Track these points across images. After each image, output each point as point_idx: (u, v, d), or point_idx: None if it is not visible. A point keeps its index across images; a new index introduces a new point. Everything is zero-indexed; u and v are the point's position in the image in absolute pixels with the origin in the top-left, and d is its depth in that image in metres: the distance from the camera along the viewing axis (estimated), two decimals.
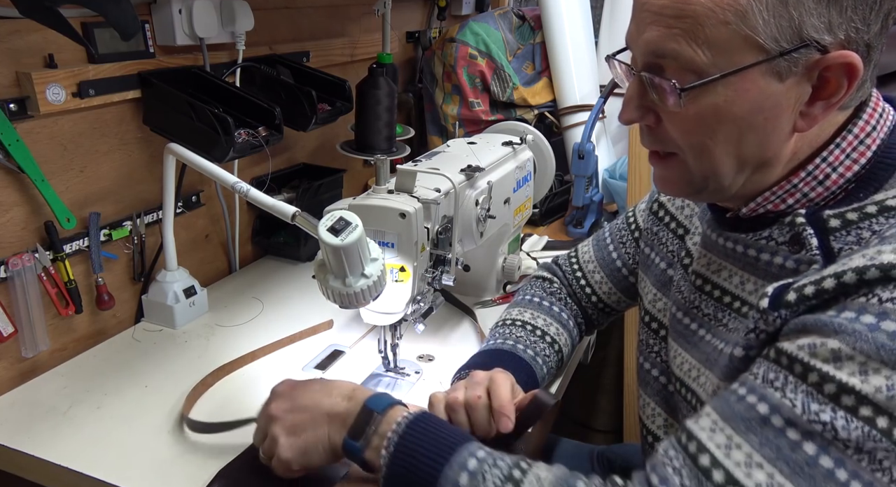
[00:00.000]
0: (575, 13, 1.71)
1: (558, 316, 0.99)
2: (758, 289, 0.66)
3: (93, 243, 1.06)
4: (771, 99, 0.59)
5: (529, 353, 0.92)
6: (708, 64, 0.58)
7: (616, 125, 1.85)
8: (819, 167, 0.63)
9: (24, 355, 1.00)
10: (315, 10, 1.48)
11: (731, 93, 0.59)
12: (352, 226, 0.78)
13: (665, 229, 0.87)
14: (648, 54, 0.61)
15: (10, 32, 0.91)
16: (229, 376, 1.01)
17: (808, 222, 0.62)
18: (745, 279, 0.69)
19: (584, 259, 1.04)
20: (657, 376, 0.82)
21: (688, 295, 0.76)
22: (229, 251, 1.38)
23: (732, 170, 0.64)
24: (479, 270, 1.22)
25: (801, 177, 0.63)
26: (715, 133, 0.61)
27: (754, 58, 0.57)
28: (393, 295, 0.93)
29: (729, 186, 0.65)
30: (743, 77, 0.58)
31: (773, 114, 0.60)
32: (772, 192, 0.65)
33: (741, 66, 0.58)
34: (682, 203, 0.86)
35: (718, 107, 0.60)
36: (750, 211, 0.67)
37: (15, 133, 0.92)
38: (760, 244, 0.66)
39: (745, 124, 0.61)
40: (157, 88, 1.08)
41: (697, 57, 0.58)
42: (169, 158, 1.06)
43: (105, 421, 0.91)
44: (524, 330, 0.95)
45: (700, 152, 0.63)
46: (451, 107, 1.77)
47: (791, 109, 0.60)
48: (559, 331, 0.98)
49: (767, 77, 0.58)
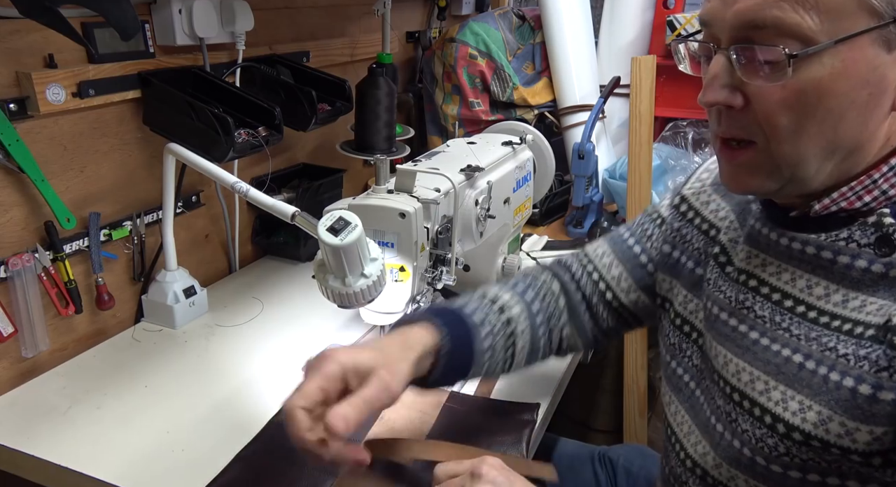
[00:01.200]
0: (575, 13, 1.71)
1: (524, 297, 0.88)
2: (829, 294, 0.61)
3: (93, 243, 1.06)
4: (878, 71, 0.55)
5: (476, 319, 0.81)
6: (816, 30, 0.53)
7: (616, 125, 1.85)
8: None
9: (24, 355, 1.00)
10: (315, 10, 1.48)
11: (839, 65, 0.54)
12: (351, 226, 0.78)
13: (689, 225, 0.81)
14: (742, 27, 0.56)
15: (10, 32, 0.91)
16: (229, 376, 1.01)
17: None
18: (813, 282, 0.63)
19: (597, 254, 0.92)
20: (688, 381, 0.77)
21: (734, 296, 0.70)
22: (229, 251, 1.38)
23: (820, 157, 0.58)
24: (479, 270, 1.22)
25: (883, 171, 0.59)
26: (814, 111, 0.56)
27: (866, 23, 0.53)
28: (393, 295, 0.93)
29: (813, 177, 0.60)
30: (852, 45, 0.53)
31: (879, 88, 0.55)
32: (849, 188, 0.60)
33: (853, 33, 0.53)
34: (707, 198, 0.81)
35: (822, 81, 0.54)
36: (823, 208, 0.61)
37: (15, 133, 0.92)
38: (838, 246, 0.61)
39: (847, 101, 0.55)
40: (157, 88, 1.08)
41: (804, 23, 0.53)
42: (169, 158, 1.06)
43: (105, 421, 0.91)
44: (483, 300, 0.85)
45: (790, 136, 0.58)
46: (451, 107, 1.77)
47: (894, 84, 0.56)
48: (520, 314, 0.85)
49: (876, 46, 0.54)
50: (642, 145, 1.54)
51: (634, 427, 1.62)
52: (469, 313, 0.81)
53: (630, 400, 1.62)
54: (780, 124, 0.57)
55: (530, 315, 0.86)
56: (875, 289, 0.58)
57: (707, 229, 0.79)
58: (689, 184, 0.85)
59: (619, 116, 1.84)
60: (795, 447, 0.60)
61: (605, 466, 1.11)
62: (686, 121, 1.74)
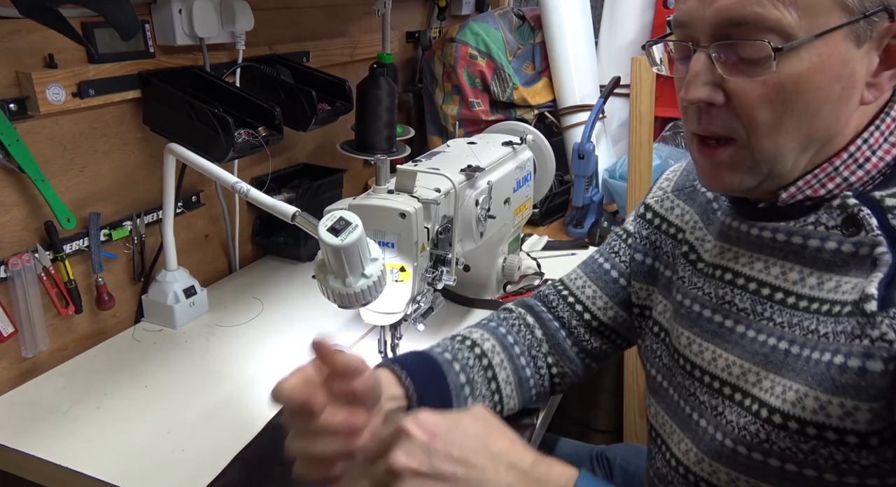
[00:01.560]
0: (575, 13, 1.71)
1: (496, 332, 0.89)
2: (804, 278, 0.63)
3: (93, 243, 1.06)
4: (849, 66, 0.57)
5: (446, 356, 0.83)
6: (795, 26, 0.55)
7: (616, 125, 1.85)
8: (860, 149, 0.61)
9: (24, 355, 1.00)
10: (315, 10, 1.48)
11: (816, 60, 0.56)
12: (352, 226, 0.78)
13: (657, 231, 0.84)
14: (722, 24, 0.58)
15: (10, 32, 0.91)
16: (227, 378, 1.01)
17: (861, 202, 0.60)
18: (786, 268, 0.65)
19: (570, 278, 0.94)
20: (661, 381, 0.79)
21: (713, 291, 0.71)
22: (229, 251, 1.38)
23: (797, 151, 0.61)
24: (479, 270, 1.22)
25: (843, 159, 0.61)
26: (793, 106, 0.58)
27: (839, 20, 0.55)
28: (393, 295, 0.93)
29: (789, 171, 0.62)
30: (827, 40, 0.56)
31: (850, 82, 0.58)
32: (813, 175, 0.62)
33: (828, 28, 0.55)
34: (671, 203, 0.84)
35: (801, 75, 0.57)
36: (789, 196, 0.63)
37: (15, 133, 0.92)
38: (807, 230, 0.63)
39: (822, 95, 0.58)
40: (157, 88, 1.08)
41: (784, 18, 0.55)
42: (169, 158, 1.06)
43: (105, 421, 0.91)
44: (453, 340, 0.87)
45: (770, 131, 0.60)
46: (451, 107, 1.77)
47: (862, 79, 0.59)
48: (494, 347, 0.87)
49: (848, 41, 0.56)
50: (642, 145, 1.54)
51: (634, 427, 1.62)
52: (439, 351, 0.83)
53: (630, 400, 1.62)
54: (760, 119, 0.59)
55: (505, 347, 0.87)
56: (847, 269, 0.60)
57: (675, 233, 0.82)
58: (651, 193, 0.88)
59: (619, 116, 1.84)
60: (775, 432, 0.61)
61: (603, 465, 1.11)
62: None
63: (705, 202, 0.79)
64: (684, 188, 0.84)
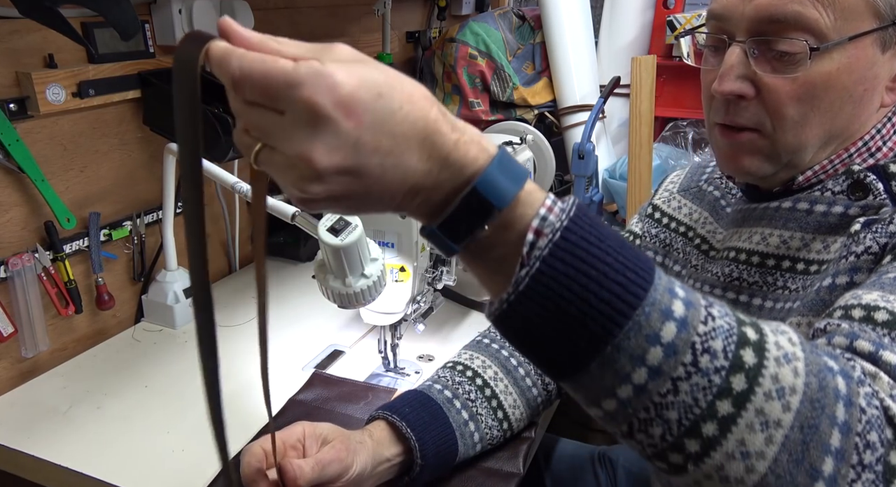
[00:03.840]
0: (575, 13, 1.71)
1: (498, 356, 0.87)
2: (808, 244, 0.65)
3: (93, 243, 1.06)
4: (873, 69, 0.60)
5: (446, 394, 0.81)
6: (830, 28, 0.58)
7: (616, 125, 1.85)
8: (873, 138, 0.64)
9: (24, 355, 1.00)
10: (315, 10, 1.48)
11: (845, 61, 0.59)
12: (352, 226, 0.78)
13: (666, 230, 0.85)
14: (762, 20, 0.60)
15: (10, 32, 0.91)
16: (229, 377, 1.01)
17: (868, 169, 0.62)
18: (786, 236, 0.67)
19: None
20: None
21: (719, 270, 0.73)
22: (229, 251, 1.38)
23: (817, 145, 0.64)
24: None
25: (858, 146, 0.65)
26: (819, 103, 0.61)
27: (870, 25, 0.58)
28: (393, 295, 0.93)
29: (807, 162, 0.65)
30: (857, 44, 0.59)
31: (872, 85, 0.61)
32: (829, 161, 0.65)
33: (860, 32, 0.58)
34: (678, 203, 0.85)
35: (830, 75, 0.60)
36: (805, 180, 0.66)
37: (15, 133, 0.92)
38: (813, 196, 0.66)
39: (846, 94, 0.61)
40: (157, 88, 1.08)
41: (822, 19, 0.58)
42: (169, 158, 1.06)
43: (105, 421, 0.91)
44: (453, 371, 0.85)
45: (794, 125, 0.62)
46: (451, 107, 1.77)
47: (883, 82, 0.62)
48: (497, 374, 0.85)
49: (875, 46, 0.59)
50: (642, 145, 1.54)
51: None
52: (438, 389, 0.82)
53: None
54: (787, 114, 0.62)
55: (509, 371, 0.86)
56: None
57: (685, 231, 0.83)
58: (657, 195, 0.90)
59: (619, 116, 1.84)
60: None
61: (606, 466, 1.11)
62: (686, 121, 1.74)
63: (713, 200, 0.80)
64: (690, 188, 0.85)
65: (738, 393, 0.39)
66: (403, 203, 0.41)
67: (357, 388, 0.96)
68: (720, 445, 0.39)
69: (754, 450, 0.39)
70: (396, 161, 0.38)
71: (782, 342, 0.42)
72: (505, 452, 0.85)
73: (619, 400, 0.40)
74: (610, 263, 0.39)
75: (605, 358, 0.39)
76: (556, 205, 0.40)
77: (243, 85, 0.37)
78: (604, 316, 0.38)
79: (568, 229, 0.39)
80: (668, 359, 0.38)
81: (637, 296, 0.39)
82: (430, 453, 0.74)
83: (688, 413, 0.39)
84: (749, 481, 0.40)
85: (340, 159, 0.37)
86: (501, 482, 0.80)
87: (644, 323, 0.38)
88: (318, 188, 0.38)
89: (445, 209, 0.40)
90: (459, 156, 0.40)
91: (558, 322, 0.39)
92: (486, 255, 0.42)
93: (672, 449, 0.40)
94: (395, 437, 0.75)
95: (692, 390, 0.39)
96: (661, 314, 0.39)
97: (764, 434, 0.39)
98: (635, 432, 0.41)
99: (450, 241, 0.41)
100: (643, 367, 0.38)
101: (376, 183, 0.39)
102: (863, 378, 0.44)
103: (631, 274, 0.39)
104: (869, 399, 0.43)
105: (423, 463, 0.74)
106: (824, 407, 0.41)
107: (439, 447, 0.75)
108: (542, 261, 0.38)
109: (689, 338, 0.39)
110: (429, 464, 0.74)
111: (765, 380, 0.39)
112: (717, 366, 0.39)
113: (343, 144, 0.37)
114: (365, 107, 0.37)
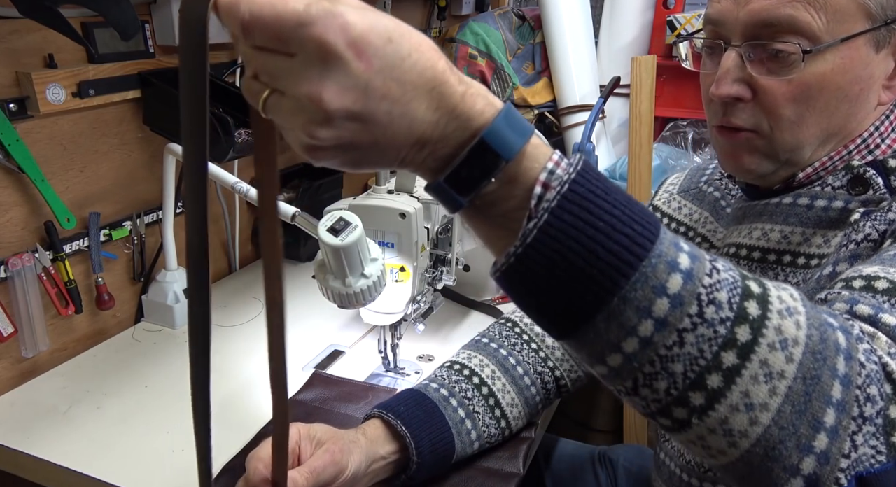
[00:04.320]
0: (575, 13, 1.71)
1: (496, 355, 0.87)
2: (808, 238, 0.66)
3: (93, 243, 1.06)
4: (868, 69, 0.62)
5: (442, 392, 0.81)
6: (823, 30, 0.59)
7: (616, 125, 1.85)
8: (872, 135, 0.65)
9: (24, 355, 1.00)
10: None
11: (839, 62, 0.61)
12: (352, 226, 0.78)
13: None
14: (756, 25, 0.62)
15: (10, 32, 0.91)
16: (226, 378, 1.01)
17: (867, 164, 0.64)
18: (787, 231, 0.68)
19: None
20: None
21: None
22: (229, 251, 1.38)
23: (815, 144, 0.65)
24: (479, 270, 1.22)
25: (857, 144, 0.66)
26: (815, 103, 0.62)
27: (863, 26, 0.60)
28: (393, 295, 0.93)
29: (806, 161, 0.66)
30: (850, 45, 0.60)
31: (867, 84, 0.63)
32: (829, 158, 0.66)
33: (853, 33, 0.60)
34: (678, 204, 0.86)
35: (825, 75, 0.61)
36: (806, 177, 0.67)
37: (15, 133, 0.92)
38: (814, 192, 0.67)
39: (842, 94, 0.62)
40: (157, 88, 1.08)
41: (814, 22, 0.59)
42: (169, 158, 1.06)
43: (105, 421, 0.91)
44: (450, 370, 0.85)
45: (791, 125, 0.64)
46: None
47: (879, 81, 0.63)
48: (494, 372, 0.85)
49: (868, 47, 0.61)
50: (642, 145, 1.54)
51: (634, 428, 1.62)
52: (435, 388, 0.82)
53: None
54: (783, 115, 0.63)
55: (507, 369, 0.86)
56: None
57: (685, 231, 0.83)
58: (657, 196, 0.90)
59: (619, 116, 1.84)
60: None
61: (606, 466, 1.11)
62: (686, 121, 1.74)
63: (713, 200, 0.81)
64: (690, 189, 0.86)
65: (742, 343, 0.39)
66: (409, 156, 0.40)
67: (357, 388, 0.96)
68: (725, 397, 0.40)
69: (758, 402, 0.40)
70: (404, 109, 0.38)
71: (784, 297, 0.42)
72: (505, 452, 0.85)
73: (624, 355, 0.40)
74: (617, 216, 0.39)
75: (611, 310, 0.39)
76: (563, 159, 0.41)
77: (253, 28, 0.36)
78: (611, 267, 0.38)
79: (576, 182, 0.39)
80: (674, 311, 0.39)
81: (644, 247, 0.39)
82: (425, 450, 0.74)
83: (693, 365, 0.39)
84: (753, 433, 0.40)
85: (350, 102, 0.36)
86: (501, 482, 0.80)
87: (651, 274, 0.38)
88: (327, 132, 0.37)
89: (451, 163, 0.40)
90: (466, 108, 0.40)
91: (565, 274, 0.39)
92: (492, 211, 0.42)
93: (677, 403, 0.40)
94: (389, 435, 0.75)
95: (698, 341, 0.39)
96: (668, 266, 0.39)
97: (768, 385, 0.40)
98: (640, 387, 0.41)
99: (456, 194, 0.41)
100: (649, 319, 0.39)
101: (383, 132, 0.38)
102: (861, 335, 0.45)
103: (637, 226, 0.39)
104: (868, 354, 0.43)
105: (420, 461, 0.74)
106: (825, 359, 0.41)
107: (435, 444, 0.75)
108: (551, 213, 0.38)
109: (695, 290, 0.39)
110: (425, 462, 0.74)
111: (768, 331, 0.40)
112: (722, 317, 0.39)
113: (354, 85, 0.36)
114: (375, 50, 0.36)
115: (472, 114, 0.40)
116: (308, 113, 0.37)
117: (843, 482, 0.41)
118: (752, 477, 0.42)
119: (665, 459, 0.81)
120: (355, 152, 0.39)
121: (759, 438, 0.40)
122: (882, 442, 0.42)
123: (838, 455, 0.41)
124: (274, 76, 0.37)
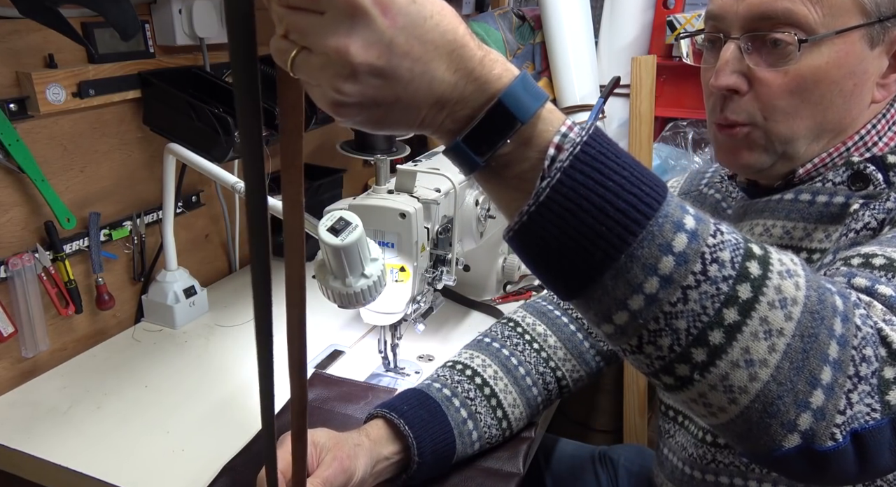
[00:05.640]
0: (575, 13, 1.71)
1: (498, 355, 0.88)
2: (810, 233, 0.67)
3: (93, 243, 1.06)
4: (862, 65, 0.63)
5: (445, 392, 0.81)
6: (818, 23, 0.61)
7: (616, 125, 1.85)
8: (869, 133, 0.67)
9: (24, 355, 1.00)
10: None
11: (833, 55, 0.62)
12: (352, 226, 0.78)
13: None
14: (754, 18, 0.64)
15: (10, 32, 0.91)
16: (229, 376, 1.01)
17: (867, 160, 0.65)
18: (789, 227, 0.69)
19: None
20: None
21: None
22: (229, 251, 1.38)
23: (809, 138, 0.67)
24: (479, 270, 1.22)
25: (855, 141, 0.67)
26: (809, 95, 0.64)
27: (857, 21, 0.62)
28: (393, 295, 0.93)
29: (802, 155, 0.68)
30: (846, 39, 0.62)
31: (861, 80, 0.64)
32: (828, 154, 0.68)
33: (847, 27, 0.61)
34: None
35: (819, 68, 0.63)
36: (805, 172, 0.69)
37: (15, 133, 0.92)
38: (815, 187, 0.68)
39: (836, 88, 0.64)
40: (157, 88, 1.08)
41: (811, 15, 0.61)
42: (169, 158, 1.06)
43: (105, 421, 0.91)
44: (452, 370, 0.85)
45: (785, 117, 0.65)
46: None
47: (873, 78, 0.65)
48: (496, 373, 0.85)
49: (862, 42, 0.63)
50: (642, 145, 1.54)
51: (634, 427, 1.62)
52: (437, 388, 0.82)
53: (630, 400, 1.62)
54: (778, 106, 0.65)
55: (509, 370, 0.86)
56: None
57: None
58: None
59: (619, 116, 1.84)
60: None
61: (606, 466, 1.11)
62: (686, 121, 1.74)
63: (714, 202, 0.81)
64: (690, 192, 0.86)
65: (744, 301, 0.41)
66: (429, 117, 0.42)
67: (357, 388, 0.96)
68: (726, 353, 0.41)
69: (758, 358, 0.41)
70: (425, 68, 0.40)
71: (785, 260, 0.44)
72: (505, 452, 0.85)
73: (630, 312, 0.42)
74: (626, 176, 0.41)
75: (618, 267, 0.41)
76: (575, 125, 0.43)
77: None
78: (619, 225, 0.40)
79: (587, 144, 0.41)
80: (679, 268, 0.40)
81: (651, 207, 0.41)
82: (427, 451, 0.74)
83: (696, 322, 0.41)
84: (752, 389, 0.42)
85: (375, 56, 0.38)
86: (501, 482, 0.80)
87: (657, 232, 0.40)
88: (352, 87, 0.39)
89: (469, 124, 0.42)
90: (485, 72, 0.41)
91: (576, 232, 0.41)
92: (506, 172, 0.44)
93: (679, 360, 0.42)
94: (392, 435, 0.75)
95: (701, 298, 0.41)
96: (674, 225, 0.41)
97: (767, 342, 0.41)
98: (644, 344, 0.43)
99: (473, 154, 0.43)
100: (655, 276, 0.40)
101: (405, 88, 0.40)
102: (858, 302, 0.46)
103: (646, 187, 0.41)
104: (864, 319, 0.45)
105: (421, 462, 0.74)
106: (823, 319, 0.43)
107: (437, 445, 0.76)
108: (563, 172, 0.40)
109: (699, 249, 0.41)
110: (426, 462, 0.74)
111: (769, 290, 0.42)
112: (724, 275, 0.41)
113: (378, 40, 0.38)
114: (399, 8, 0.38)
115: (490, 77, 0.41)
116: (335, 67, 0.38)
117: (839, 437, 0.43)
118: (750, 434, 0.44)
119: (668, 454, 0.81)
120: (378, 109, 0.41)
121: (759, 394, 0.42)
122: (877, 401, 0.43)
123: (834, 412, 0.42)
124: (304, 33, 0.39)
